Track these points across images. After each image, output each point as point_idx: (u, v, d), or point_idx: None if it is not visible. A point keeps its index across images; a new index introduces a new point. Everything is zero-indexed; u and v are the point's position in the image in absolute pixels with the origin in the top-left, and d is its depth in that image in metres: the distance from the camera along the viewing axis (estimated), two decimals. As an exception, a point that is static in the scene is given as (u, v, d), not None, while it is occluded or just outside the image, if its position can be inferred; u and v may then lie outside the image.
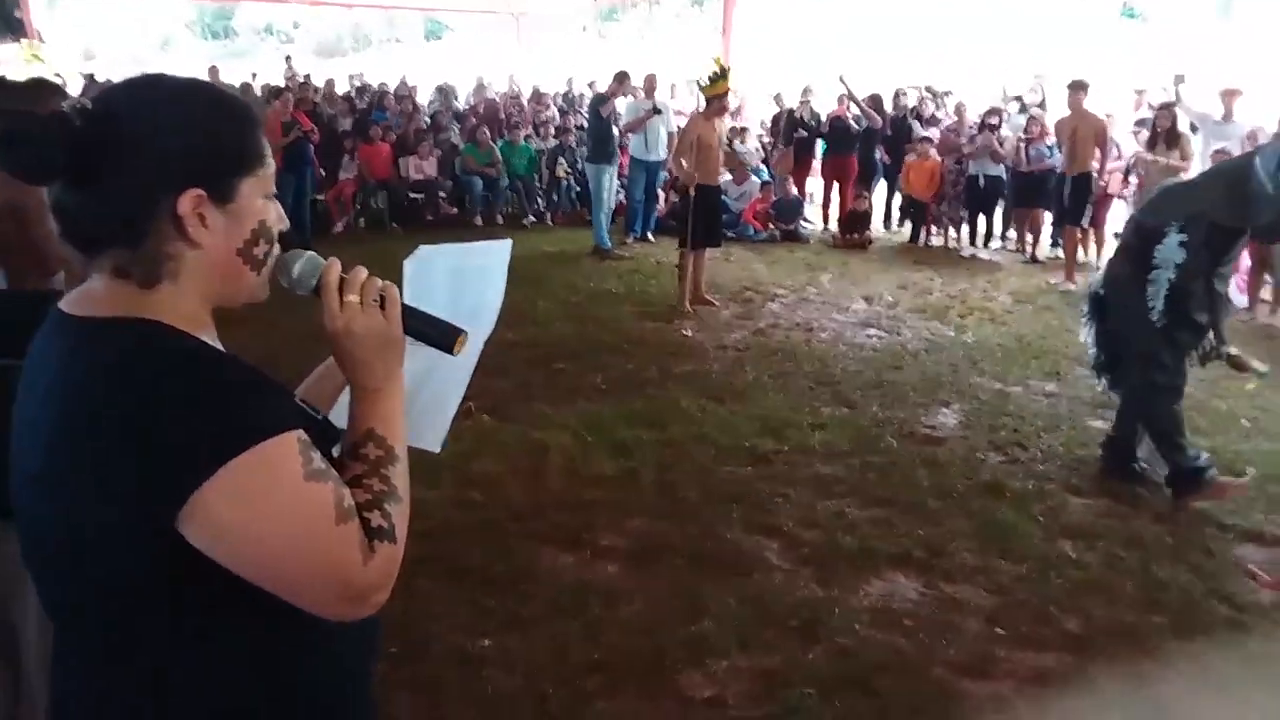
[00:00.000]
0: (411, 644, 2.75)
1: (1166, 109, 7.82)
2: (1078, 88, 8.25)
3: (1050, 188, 8.71)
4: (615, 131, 9.43)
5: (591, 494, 3.90)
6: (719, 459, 4.28)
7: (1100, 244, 9.30)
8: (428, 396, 1.28)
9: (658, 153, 9.80)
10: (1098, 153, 8.25)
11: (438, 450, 1.30)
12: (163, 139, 0.95)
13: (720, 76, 7.11)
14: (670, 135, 9.73)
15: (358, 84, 14.18)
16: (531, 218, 11.26)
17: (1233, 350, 3.97)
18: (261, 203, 1.03)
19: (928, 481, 4.10)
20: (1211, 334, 3.86)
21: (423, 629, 2.84)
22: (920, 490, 4.01)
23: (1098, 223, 9.05)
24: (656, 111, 9.55)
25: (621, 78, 9.51)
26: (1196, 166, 8.13)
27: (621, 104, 10.16)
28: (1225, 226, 3.75)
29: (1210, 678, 2.73)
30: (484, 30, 25.80)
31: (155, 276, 0.97)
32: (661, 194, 10.61)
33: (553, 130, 12.15)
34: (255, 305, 1.08)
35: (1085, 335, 4.32)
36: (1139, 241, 3.95)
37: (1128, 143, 9.07)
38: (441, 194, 11.07)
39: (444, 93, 13.77)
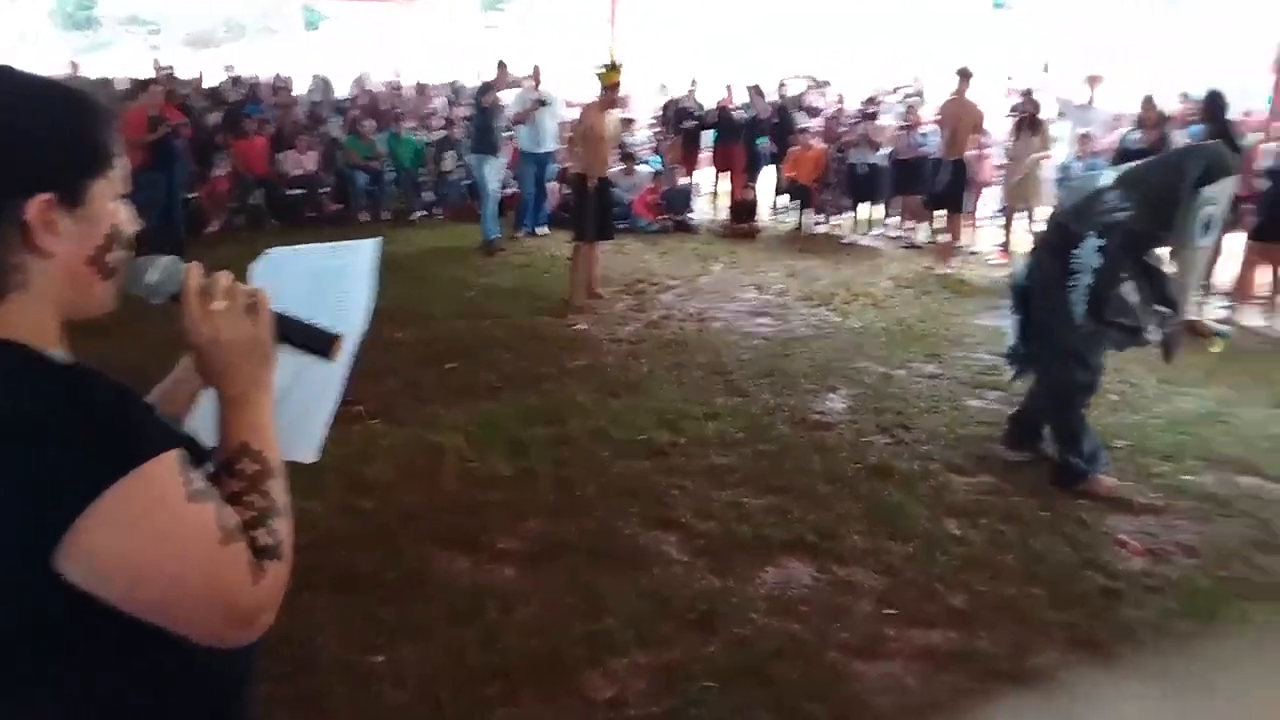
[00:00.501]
0: (298, 660, 2.64)
1: (1029, 96, 8.14)
2: (964, 76, 8.54)
3: (927, 174, 8.98)
4: (499, 123, 9.27)
5: (487, 495, 3.84)
6: (616, 454, 4.27)
7: (974, 229, 9.69)
8: (298, 405, 1.21)
9: (547, 144, 9.71)
10: (976, 140, 8.58)
11: (313, 460, 1.24)
12: (5, 140, 0.87)
13: (613, 67, 7.11)
14: (559, 126, 9.69)
15: (232, 76, 13.59)
16: (419, 212, 11.02)
17: (1193, 317, 4.05)
18: (113, 206, 0.95)
19: (819, 466, 4.18)
20: (1163, 309, 3.87)
21: (309, 643, 2.73)
22: (812, 476, 4.08)
23: (971, 207, 9.40)
24: (543, 103, 9.45)
25: (501, 67, 9.37)
26: (1063, 150, 8.55)
27: (509, 95, 10.04)
28: (1144, 232, 3.78)
29: (1087, 646, 2.85)
30: (365, 20, 25.09)
31: (1, 289, 0.89)
32: (555, 186, 10.53)
33: (440, 122, 11.90)
34: (107, 314, 1.00)
35: (1008, 326, 4.33)
36: (1059, 241, 3.98)
37: (1001, 130, 9.45)
38: (323, 190, 10.71)
39: (322, 84, 13.32)
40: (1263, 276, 7.16)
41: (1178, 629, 2.93)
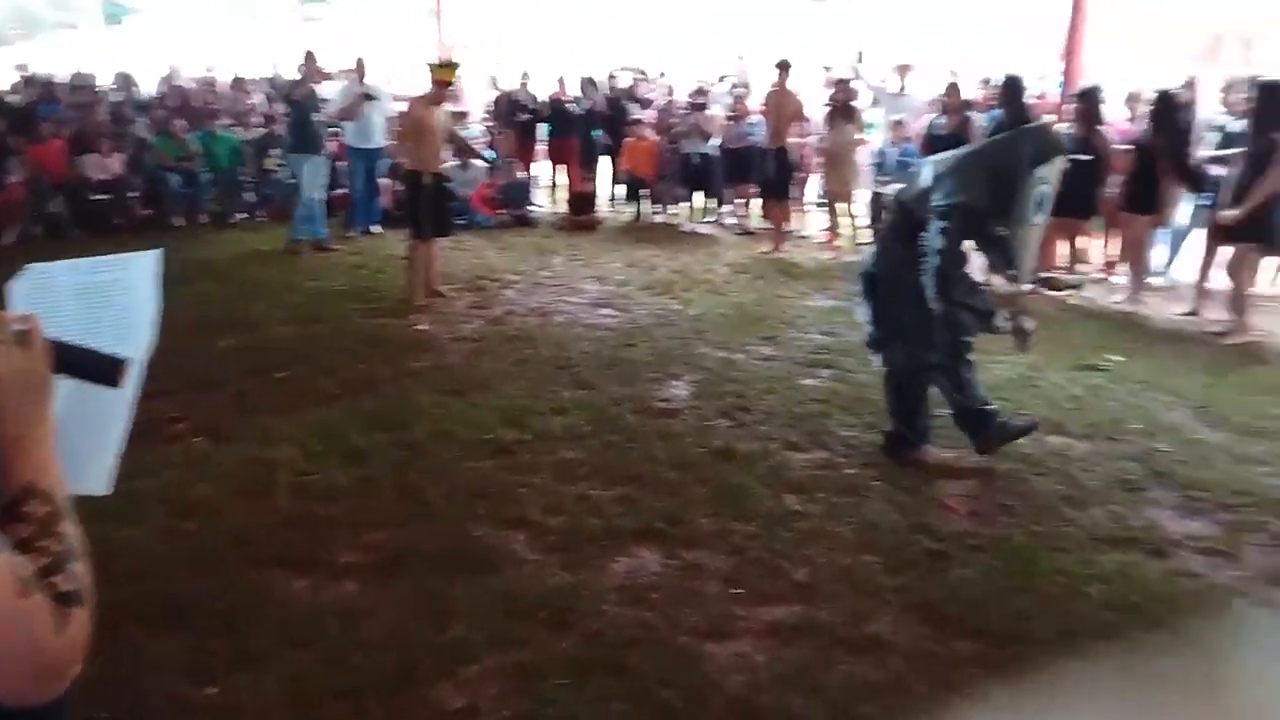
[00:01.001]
0: (121, 703, 2.46)
1: (842, 85, 8.48)
2: (784, 67, 8.81)
3: (756, 163, 9.23)
4: (315, 118, 8.90)
5: (326, 509, 3.68)
6: (461, 455, 4.19)
7: (803, 214, 10.05)
8: (83, 434, 1.12)
9: (375, 140, 9.42)
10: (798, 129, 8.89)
11: (105, 492, 1.15)
12: None
13: (450, 66, 6.99)
14: (388, 121, 9.41)
15: (24, 75, 12.47)
16: (240, 214, 10.47)
17: (1045, 274, 4.21)
18: None
19: (665, 454, 4.23)
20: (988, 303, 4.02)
21: (133, 684, 2.55)
22: (658, 463, 4.13)
23: (798, 194, 9.75)
24: (370, 97, 9.15)
25: (310, 59, 9.00)
26: (879, 136, 8.96)
27: (332, 89, 9.65)
28: (984, 211, 3.90)
29: (919, 608, 3.00)
30: (174, 13, 23.55)
31: None
32: (388, 183, 10.21)
33: (259, 119, 11.31)
34: None
35: (861, 314, 4.37)
36: (904, 226, 4.07)
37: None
38: (132, 194, 10.00)
39: (125, 81, 12.42)
40: (1062, 249, 7.76)
41: (998, 584, 3.12)
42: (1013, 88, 7.34)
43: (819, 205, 10.09)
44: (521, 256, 8.84)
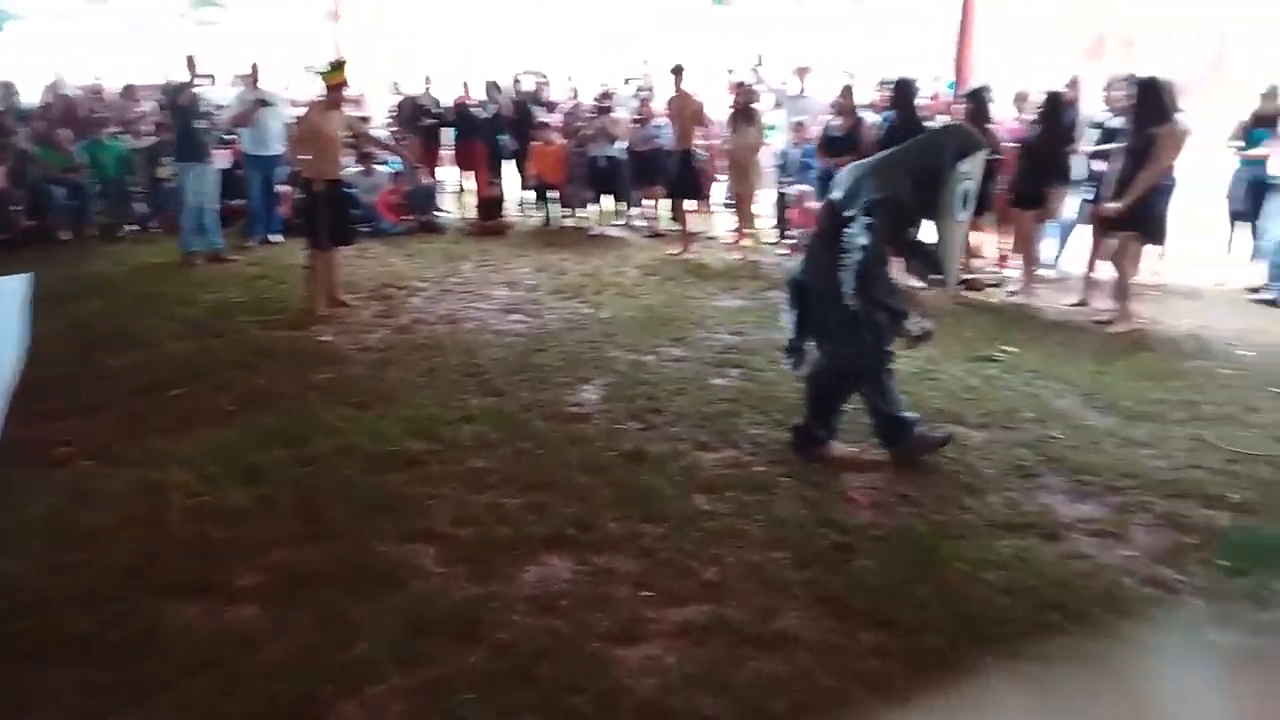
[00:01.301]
0: (2, 748, 2.34)
1: (742, 88, 8.59)
2: (678, 71, 8.88)
3: (662, 165, 9.27)
4: (202, 125, 8.60)
5: (222, 532, 3.56)
6: (366, 469, 4.09)
7: (709, 216, 10.14)
8: None
9: (272, 147, 9.17)
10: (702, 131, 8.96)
11: None
12: None
13: (338, 67, 6.80)
14: (286, 127, 9.18)
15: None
16: (131, 226, 10.06)
17: (966, 275, 4.21)
18: None
19: (575, 459, 4.21)
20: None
21: (16, 727, 2.42)
22: (569, 468, 4.11)
23: (705, 195, 9.84)
24: (265, 103, 8.90)
25: (190, 64, 8.70)
26: (782, 138, 9.10)
27: (228, 94, 9.36)
28: (910, 207, 3.94)
29: (826, 601, 3.05)
30: (59, 19, 22.49)
31: None
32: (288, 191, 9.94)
33: (150, 127, 10.87)
34: None
35: (786, 321, 4.29)
36: (830, 227, 4.04)
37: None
38: (15, 207, 9.53)
39: (6, 90, 11.79)
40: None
41: (901, 574, 3.20)
42: (903, 90, 7.55)
43: (726, 206, 10.20)
44: (429, 263, 8.71)
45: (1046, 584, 3.12)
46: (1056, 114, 7.21)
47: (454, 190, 11.67)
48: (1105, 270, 6.83)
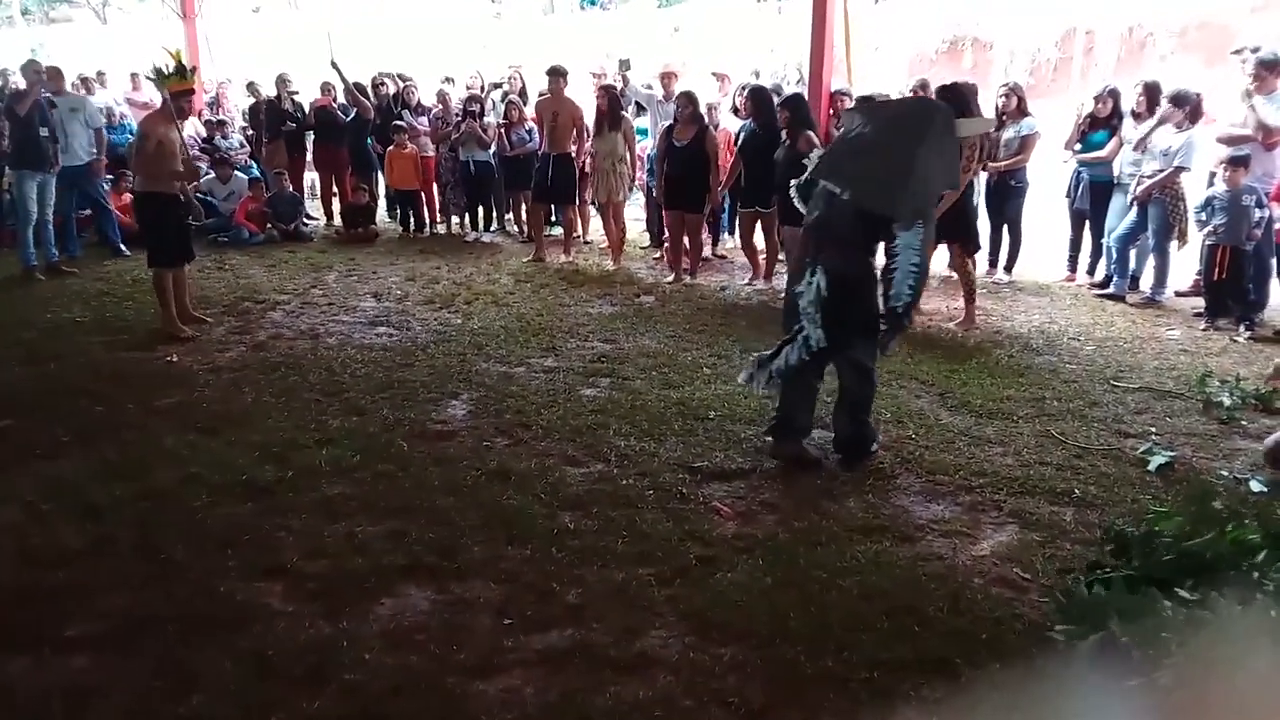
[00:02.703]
0: None
1: (605, 91, 8.53)
2: (556, 74, 8.73)
3: (534, 170, 9.14)
4: (44, 132, 8.06)
5: (53, 577, 3.31)
6: (212, 501, 3.88)
7: (585, 220, 10.07)
8: None
9: (79, 157, 8.62)
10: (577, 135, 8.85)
11: None
12: None
13: (180, 73, 6.38)
14: (95, 133, 8.74)
15: None
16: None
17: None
18: None
19: (439, 480, 4.10)
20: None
21: None
22: (431, 491, 4.00)
23: (576, 200, 9.76)
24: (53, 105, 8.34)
25: (30, 69, 8.16)
26: (650, 143, 9.09)
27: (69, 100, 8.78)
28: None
29: (689, 618, 3.04)
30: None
31: None
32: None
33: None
34: None
35: (815, 337, 4.10)
36: (862, 230, 4.03)
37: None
38: None
39: None
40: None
41: (761, 584, 3.22)
42: (760, 97, 7.59)
43: (598, 212, 10.16)
44: (291, 274, 8.38)
45: (900, 588, 3.19)
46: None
47: (317, 197, 11.26)
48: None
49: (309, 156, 10.90)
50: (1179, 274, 7.61)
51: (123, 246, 8.95)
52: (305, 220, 10.53)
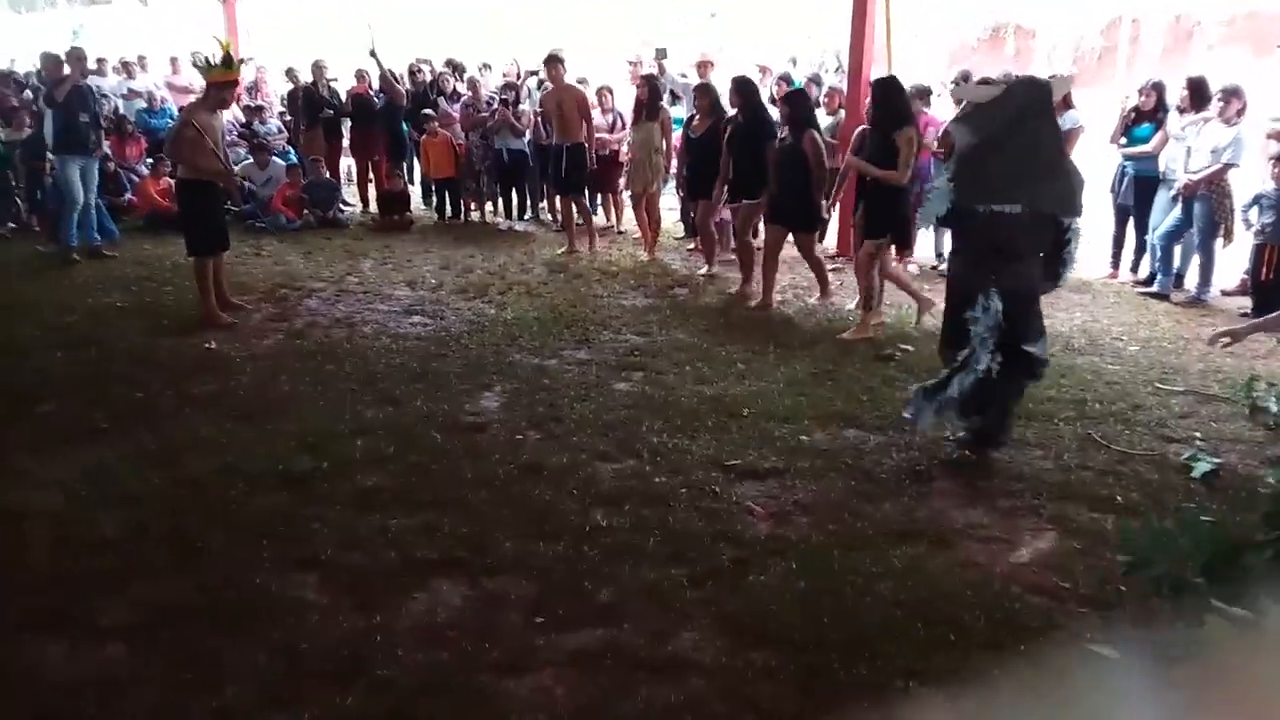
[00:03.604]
0: None
1: (645, 81, 8.44)
2: (553, 62, 8.49)
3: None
4: (85, 117, 8.15)
5: (89, 563, 3.34)
6: (247, 491, 3.90)
7: (620, 209, 10.02)
8: None
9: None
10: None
11: None
12: None
13: (226, 63, 6.41)
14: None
15: None
16: (9, 225, 9.49)
17: None
18: None
19: (471, 474, 4.10)
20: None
21: None
22: (464, 485, 3.99)
23: (614, 189, 9.71)
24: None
25: (55, 58, 8.22)
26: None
27: (109, 84, 8.90)
28: None
29: (721, 620, 3.01)
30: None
31: None
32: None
33: (26, 119, 10.25)
34: None
35: (986, 360, 4.06)
36: (1040, 235, 4.02)
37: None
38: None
39: None
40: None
41: (795, 588, 3.17)
42: (744, 87, 7.07)
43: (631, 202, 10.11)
44: (327, 262, 8.43)
45: (936, 595, 3.13)
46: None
47: (353, 183, 11.32)
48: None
49: (345, 143, 10.95)
50: (1225, 272, 7.43)
51: (98, 236, 8.81)
52: (341, 207, 10.59)
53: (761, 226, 7.50)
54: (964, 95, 4.58)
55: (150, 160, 10.33)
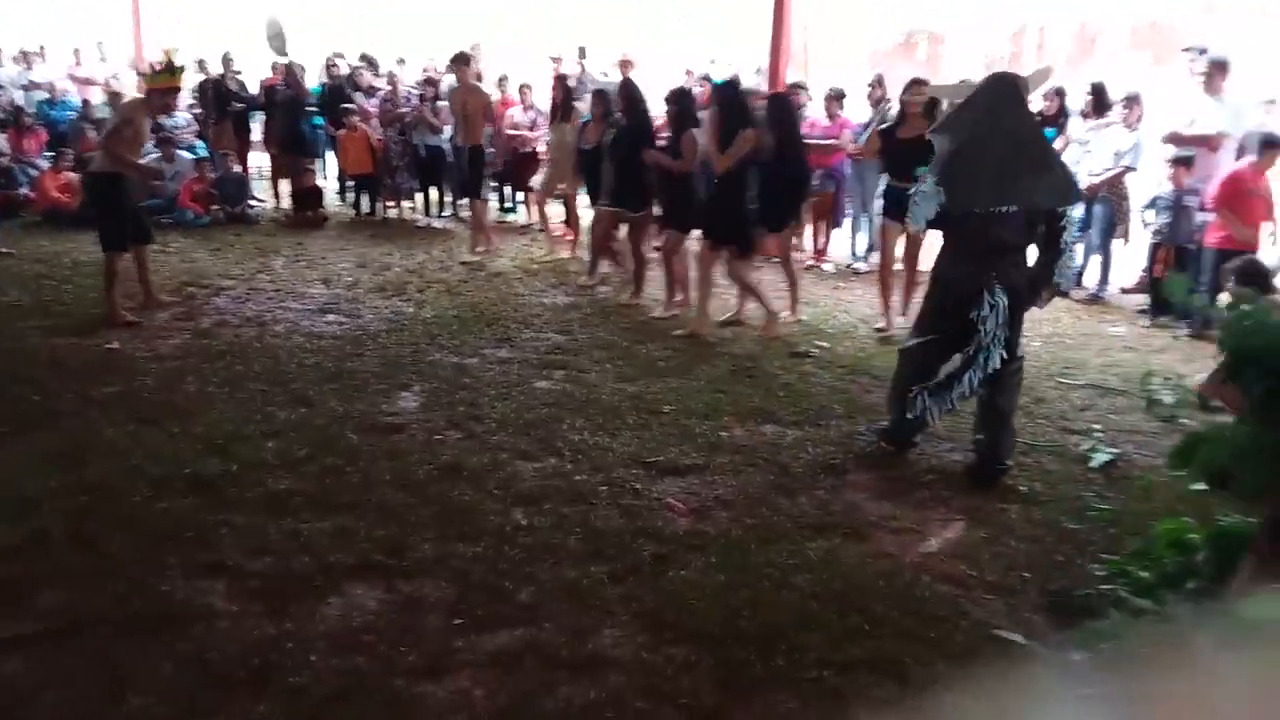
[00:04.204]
0: None
1: (558, 81, 8.43)
2: (460, 61, 8.42)
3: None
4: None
5: (-17, 574, 3.19)
6: (152, 495, 3.77)
7: (541, 204, 9.97)
8: None
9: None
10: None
11: None
12: None
13: (169, 70, 6.25)
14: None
15: None
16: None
17: None
18: None
19: (389, 475, 4.03)
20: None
21: None
22: (381, 486, 3.93)
23: (523, 185, 9.67)
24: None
25: None
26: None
27: (9, 73, 8.49)
28: None
29: (641, 617, 3.03)
30: None
31: None
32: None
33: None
34: None
35: (996, 355, 4.06)
36: (1033, 228, 4.01)
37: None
38: None
39: None
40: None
41: (714, 583, 3.21)
42: (629, 92, 7.00)
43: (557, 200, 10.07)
44: (237, 259, 8.20)
45: (850, 587, 3.20)
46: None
47: (267, 178, 11.03)
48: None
49: (257, 137, 10.67)
50: (1124, 271, 7.76)
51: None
52: (252, 202, 10.31)
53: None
54: (941, 94, 4.68)
55: (51, 154, 9.89)
